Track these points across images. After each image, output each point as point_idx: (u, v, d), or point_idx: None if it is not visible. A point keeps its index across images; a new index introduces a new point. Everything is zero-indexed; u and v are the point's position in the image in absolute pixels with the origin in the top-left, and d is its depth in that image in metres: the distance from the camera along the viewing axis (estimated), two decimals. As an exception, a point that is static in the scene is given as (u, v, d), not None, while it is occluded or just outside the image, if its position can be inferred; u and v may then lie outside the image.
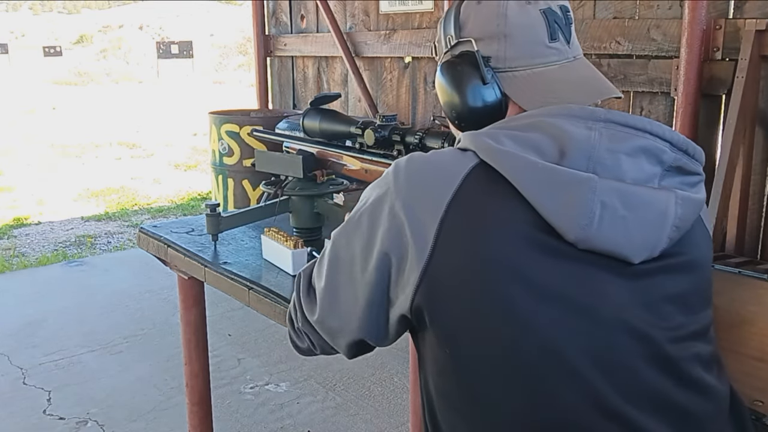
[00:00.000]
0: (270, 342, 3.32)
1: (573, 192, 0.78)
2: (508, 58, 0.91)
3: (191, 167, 7.95)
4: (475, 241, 0.79)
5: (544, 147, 0.81)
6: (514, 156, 0.80)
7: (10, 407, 2.76)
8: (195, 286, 1.87)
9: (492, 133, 0.84)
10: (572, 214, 0.78)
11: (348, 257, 0.91)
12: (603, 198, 0.78)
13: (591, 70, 0.95)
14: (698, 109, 2.39)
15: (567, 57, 0.93)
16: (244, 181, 4.10)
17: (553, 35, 0.91)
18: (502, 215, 0.79)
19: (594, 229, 0.78)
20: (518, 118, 0.87)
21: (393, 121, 1.48)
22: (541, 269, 0.78)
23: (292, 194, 1.69)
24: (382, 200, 0.86)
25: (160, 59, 23.21)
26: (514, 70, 0.91)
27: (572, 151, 0.80)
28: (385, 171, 0.90)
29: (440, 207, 0.81)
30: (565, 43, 0.92)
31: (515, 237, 0.78)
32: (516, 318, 0.77)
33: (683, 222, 0.82)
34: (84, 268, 4.48)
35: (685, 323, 0.84)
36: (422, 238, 0.81)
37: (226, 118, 4.18)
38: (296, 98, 4.85)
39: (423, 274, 0.81)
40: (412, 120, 3.92)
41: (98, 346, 3.31)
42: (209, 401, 2.04)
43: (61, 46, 27.54)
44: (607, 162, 0.80)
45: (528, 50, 0.91)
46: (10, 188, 6.74)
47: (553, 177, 0.79)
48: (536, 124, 0.83)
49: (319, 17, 4.42)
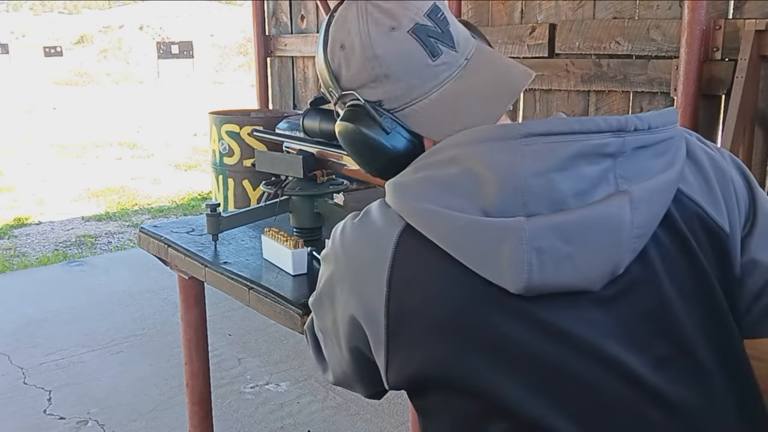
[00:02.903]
0: (270, 342, 3.32)
1: (502, 245, 0.71)
2: (399, 96, 0.83)
3: (191, 167, 7.96)
4: (425, 318, 0.75)
5: (467, 189, 0.73)
6: (435, 215, 0.74)
7: (10, 407, 2.77)
8: (195, 286, 1.87)
9: (413, 182, 0.78)
10: (508, 269, 0.71)
11: (325, 331, 0.91)
12: (537, 244, 0.70)
13: (490, 66, 0.86)
14: (698, 110, 2.39)
15: (458, 64, 0.84)
16: (245, 181, 4.10)
17: (433, 52, 0.82)
18: (441, 285, 0.74)
19: (536, 277, 0.71)
20: (437, 152, 0.79)
21: None
22: (496, 333, 0.73)
23: (293, 194, 1.69)
24: (333, 282, 0.85)
25: (161, 59, 23.22)
26: (410, 104, 0.84)
27: (498, 189, 0.72)
28: (329, 242, 0.88)
29: (381, 287, 0.77)
30: (450, 51, 0.83)
31: (463, 305, 0.73)
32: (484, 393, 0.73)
33: (646, 227, 0.73)
34: (84, 268, 4.48)
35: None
36: (375, 323, 0.78)
37: (227, 118, 4.18)
38: (296, 98, 4.86)
39: (387, 356, 0.79)
40: (412, 120, 3.92)
41: (98, 346, 3.31)
42: (209, 401, 2.04)
43: (61, 47, 27.57)
44: (536, 189, 0.71)
45: (415, 80, 0.82)
46: (11, 188, 6.75)
47: (478, 234, 0.72)
48: (454, 158, 0.75)
49: (319, 17, 4.42)
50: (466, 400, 0.75)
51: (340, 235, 0.85)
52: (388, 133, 0.84)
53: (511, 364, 0.72)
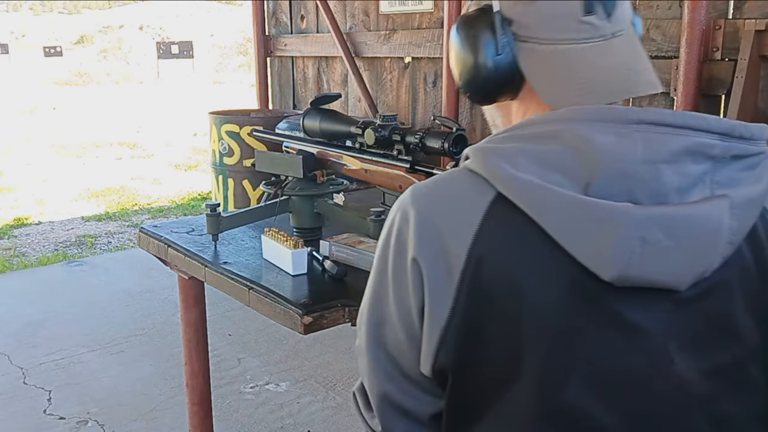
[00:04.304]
0: (270, 342, 3.32)
1: (607, 230, 0.67)
2: (531, 25, 0.78)
3: (191, 167, 7.96)
4: (507, 299, 0.70)
5: (568, 165, 0.70)
6: (536, 188, 0.69)
7: (10, 407, 2.76)
8: (195, 286, 1.87)
9: (506, 151, 0.72)
10: (607, 254, 0.68)
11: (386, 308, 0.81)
12: (642, 233, 0.67)
13: (629, 54, 0.80)
14: (698, 109, 2.39)
15: (603, 35, 0.78)
16: (244, 181, 4.10)
17: (588, 8, 0.76)
18: (531, 265, 0.70)
19: (634, 267, 0.68)
20: (534, 124, 0.74)
21: (393, 121, 1.48)
22: (579, 326, 0.70)
23: (292, 194, 1.69)
24: (401, 256, 0.76)
25: (161, 59, 23.21)
26: (536, 41, 0.78)
27: (602, 170, 0.69)
28: (388, 220, 0.80)
29: (459, 258, 0.71)
30: (603, 18, 0.77)
31: (556, 292, 0.70)
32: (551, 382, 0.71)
33: (739, 235, 0.71)
34: (84, 268, 4.48)
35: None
36: (442, 301, 0.72)
37: (227, 118, 4.18)
38: (296, 98, 4.86)
39: (443, 334, 0.73)
40: (411, 120, 3.93)
41: (98, 346, 3.31)
42: (209, 401, 2.04)
43: (61, 47, 27.55)
44: (644, 176, 0.69)
45: (555, 22, 0.77)
46: (10, 188, 6.74)
47: (583, 213, 0.68)
48: (557, 134, 0.71)
49: (319, 17, 4.42)
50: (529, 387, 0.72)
51: (411, 198, 0.77)
52: (499, 54, 0.78)
53: (578, 355, 0.70)
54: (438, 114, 3.73)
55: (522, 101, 0.83)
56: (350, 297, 1.37)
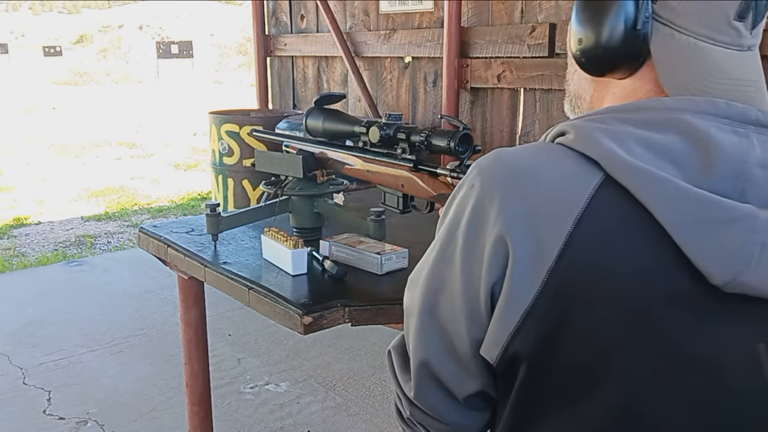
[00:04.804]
0: (270, 342, 3.32)
1: (728, 230, 0.63)
2: (678, 11, 0.72)
3: (191, 167, 7.95)
4: (603, 291, 0.66)
5: (683, 158, 0.66)
6: (654, 178, 0.64)
7: (10, 407, 2.76)
8: (195, 286, 1.87)
9: (616, 132, 0.68)
10: (725, 256, 0.63)
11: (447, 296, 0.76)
12: (764, 237, 0.63)
13: (756, 72, 0.76)
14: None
15: (740, 45, 0.73)
16: (244, 181, 4.10)
17: (742, 13, 0.72)
18: (635, 259, 0.65)
19: (751, 272, 0.64)
20: (649, 108, 0.70)
21: (399, 120, 1.47)
22: (682, 332, 0.66)
23: (292, 194, 1.69)
24: (483, 204, 0.70)
25: (160, 59, 23.22)
26: (677, 28, 0.73)
27: (718, 166, 0.65)
28: (464, 180, 0.74)
29: (556, 242, 0.66)
30: (748, 27, 0.73)
31: (656, 292, 0.65)
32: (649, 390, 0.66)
33: None
34: (84, 268, 4.48)
35: None
36: (528, 278, 0.67)
37: (226, 118, 4.18)
38: (296, 98, 4.85)
39: (523, 319, 0.68)
40: (412, 120, 3.93)
41: (98, 346, 3.31)
42: (209, 401, 2.04)
43: (61, 46, 27.56)
44: (759, 180, 0.66)
45: (705, 16, 0.72)
46: (10, 188, 6.74)
47: (703, 210, 0.64)
48: (673, 122, 0.67)
49: (319, 17, 4.42)
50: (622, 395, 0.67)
51: (503, 160, 0.71)
52: (637, 28, 0.72)
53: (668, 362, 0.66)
54: (441, 113, 3.73)
55: (632, 82, 0.77)
56: (350, 297, 1.37)
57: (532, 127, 3.26)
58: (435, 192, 1.38)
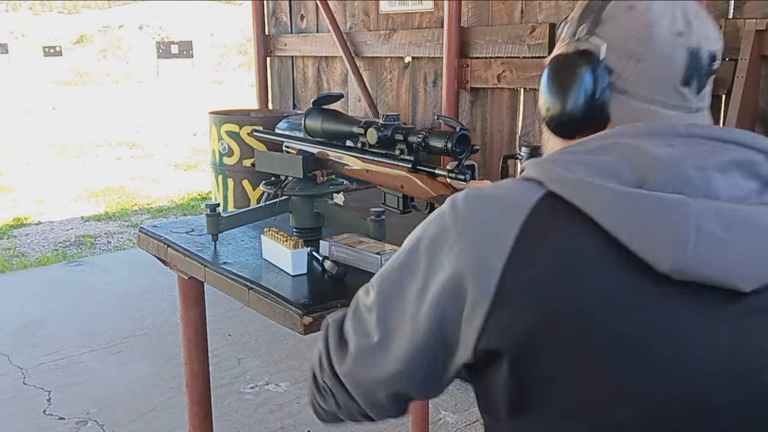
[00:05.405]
0: (270, 342, 3.32)
1: (661, 217, 0.68)
2: (632, 81, 0.81)
3: (191, 167, 7.96)
4: (549, 287, 0.70)
5: (620, 172, 0.72)
6: (587, 184, 0.71)
7: (10, 407, 2.76)
8: (195, 286, 1.87)
9: (561, 161, 0.75)
10: (663, 241, 0.67)
11: (398, 300, 0.82)
12: (698, 222, 0.67)
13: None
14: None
15: (689, 108, 0.82)
16: (244, 181, 4.10)
17: (687, 80, 0.81)
18: (578, 253, 0.70)
19: (690, 258, 0.67)
20: (589, 141, 0.78)
21: (396, 121, 1.47)
22: (632, 316, 0.69)
23: (292, 194, 1.69)
24: (438, 241, 0.77)
25: (160, 59, 23.22)
26: (632, 96, 0.81)
27: (655, 174, 0.71)
28: (438, 210, 0.81)
29: (506, 244, 0.72)
30: (694, 92, 0.82)
31: (597, 280, 0.69)
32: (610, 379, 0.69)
33: None
34: (84, 268, 4.48)
35: None
36: (486, 275, 0.72)
37: (226, 118, 4.18)
38: (296, 98, 4.85)
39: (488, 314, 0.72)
40: (412, 120, 3.92)
41: (98, 346, 3.31)
42: (209, 401, 2.03)
43: (61, 46, 27.56)
44: (695, 181, 0.71)
45: (655, 83, 0.81)
46: (10, 188, 6.74)
47: (634, 203, 0.69)
48: (609, 147, 0.74)
49: (319, 17, 4.42)
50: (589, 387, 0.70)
51: (463, 197, 0.79)
52: (597, 99, 0.81)
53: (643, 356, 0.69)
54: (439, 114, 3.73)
55: None
56: (350, 297, 1.35)
57: (532, 127, 3.26)
58: (434, 192, 1.38)
